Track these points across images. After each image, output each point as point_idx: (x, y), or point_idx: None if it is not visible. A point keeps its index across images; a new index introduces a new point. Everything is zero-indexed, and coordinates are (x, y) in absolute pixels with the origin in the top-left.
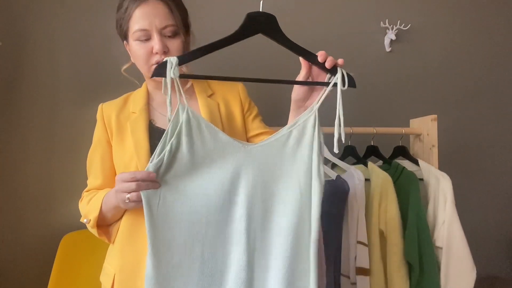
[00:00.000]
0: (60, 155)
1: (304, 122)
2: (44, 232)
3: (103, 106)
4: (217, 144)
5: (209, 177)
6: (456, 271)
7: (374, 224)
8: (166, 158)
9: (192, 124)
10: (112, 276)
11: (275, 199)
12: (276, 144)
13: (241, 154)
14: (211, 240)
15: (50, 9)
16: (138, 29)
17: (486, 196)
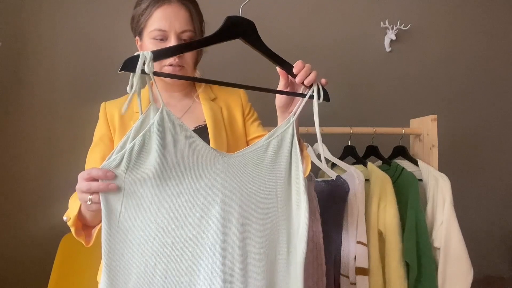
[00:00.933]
0: (60, 155)
1: (283, 133)
2: (44, 232)
3: (106, 105)
4: (192, 151)
5: (179, 187)
6: (453, 272)
7: (373, 224)
8: (126, 157)
9: (166, 125)
10: None
11: (252, 213)
12: (254, 155)
13: (217, 165)
14: (176, 263)
15: (50, 9)
16: (157, 29)
17: (486, 196)
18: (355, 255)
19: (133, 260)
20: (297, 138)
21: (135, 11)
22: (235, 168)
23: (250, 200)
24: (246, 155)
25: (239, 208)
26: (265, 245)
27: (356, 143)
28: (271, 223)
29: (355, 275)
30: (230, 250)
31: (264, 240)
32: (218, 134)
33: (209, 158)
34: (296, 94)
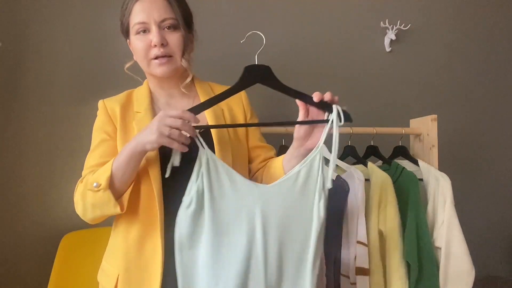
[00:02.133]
0: (60, 155)
1: (311, 160)
2: (44, 232)
3: (105, 101)
4: (232, 185)
5: (227, 217)
6: (455, 272)
7: (373, 224)
8: (195, 198)
9: (210, 165)
10: (114, 277)
11: (288, 236)
12: (286, 184)
13: (255, 194)
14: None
15: (50, 9)
16: (137, 22)
17: (486, 196)
18: (355, 255)
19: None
20: None
21: (120, 15)
22: (270, 196)
23: (286, 223)
24: (279, 185)
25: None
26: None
27: (356, 143)
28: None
29: (355, 275)
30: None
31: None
32: (221, 137)
33: (248, 190)
34: (319, 121)
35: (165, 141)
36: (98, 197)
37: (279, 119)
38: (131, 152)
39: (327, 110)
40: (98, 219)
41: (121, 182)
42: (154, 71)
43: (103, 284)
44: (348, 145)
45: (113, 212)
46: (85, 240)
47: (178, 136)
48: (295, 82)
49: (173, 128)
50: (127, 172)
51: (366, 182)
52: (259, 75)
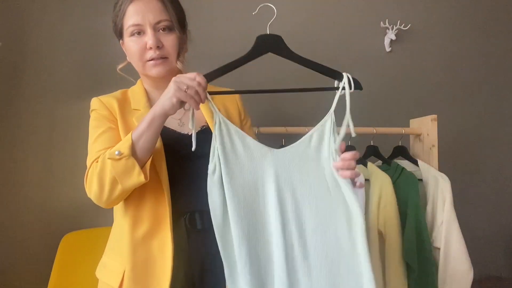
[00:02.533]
0: (60, 154)
1: (322, 125)
2: (44, 232)
3: (100, 98)
4: (246, 149)
5: (242, 180)
6: (453, 272)
7: (373, 224)
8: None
9: (222, 129)
10: (120, 273)
11: (304, 198)
12: (299, 147)
13: (268, 158)
14: (253, 242)
15: (50, 9)
16: (132, 24)
17: (486, 196)
18: None
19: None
20: None
21: (112, 15)
22: (284, 159)
23: (301, 187)
24: (292, 148)
25: (292, 194)
26: (321, 224)
27: (356, 143)
28: (324, 205)
29: None
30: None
31: (320, 220)
32: None
33: (261, 153)
34: (327, 89)
35: (182, 95)
36: (121, 166)
37: (278, 122)
38: (151, 116)
39: (337, 78)
40: (115, 198)
41: (142, 149)
42: (149, 72)
43: (105, 280)
44: (348, 145)
45: (136, 182)
46: (85, 240)
47: (195, 94)
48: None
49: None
50: (148, 137)
51: (366, 182)
52: (271, 44)
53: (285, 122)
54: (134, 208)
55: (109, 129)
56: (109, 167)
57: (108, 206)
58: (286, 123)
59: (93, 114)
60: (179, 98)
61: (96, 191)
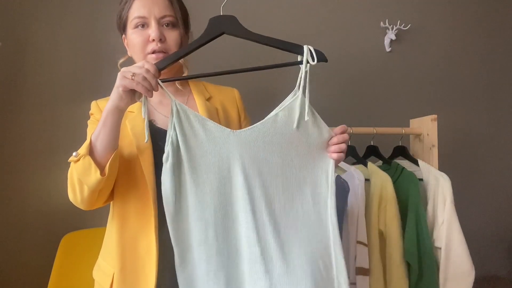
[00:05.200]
0: (60, 154)
1: (290, 104)
2: (44, 232)
3: (98, 102)
4: (207, 133)
5: (206, 165)
6: (455, 272)
7: (373, 224)
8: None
9: (181, 116)
10: (110, 275)
11: (271, 176)
12: (263, 127)
13: (231, 140)
14: (221, 224)
15: (50, 9)
16: (137, 16)
17: (486, 196)
18: (355, 255)
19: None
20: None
21: (118, 9)
22: (248, 140)
23: (267, 165)
24: (255, 128)
25: (258, 173)
26: (288, 200)
27: (356, 143)
28: (291, 181)
29: (355, 275)
30: (258, 210)
31: (287, 197)
32: None
33: (223, 135)
34: (289, 64)
35: (127, 83)
36: (80, 166)
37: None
38: (104, 113)
39: (300, 53)
40: (88, 198)
41: (100, 148)
42: None
43: (99, 281)
44: (348, 145)
45: (94, 179)
46: (85, 240)
47: (142, 80)
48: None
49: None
50: (104, 134)
51: (366, 182)
52: (225, 25)
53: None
54: (121, 210)
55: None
56: (73, 170)
57: (87, 208)
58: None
59: (91, 117)
60: (126, 86)
61: (71, 195)
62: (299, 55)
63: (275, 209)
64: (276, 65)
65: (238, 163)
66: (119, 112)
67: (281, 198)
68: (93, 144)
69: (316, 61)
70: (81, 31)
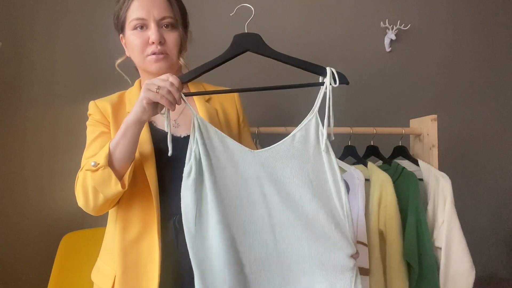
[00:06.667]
0: (60, 154)
1: (306, 125)
2: (44, 232)
3: (96, 102)
4: (226, 150)
5: (225, 183)
6: (455, 271)
7: (373, 224)
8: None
9: (202, 131)
10: (111, 278)
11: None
12: (282, 148)
13: (249, 159)
14: (242, 239)
15: (50, 9)
16: (136, 18)
17: (486, 196)
18: None
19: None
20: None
21: (116, 8)
22: (266, 160)
23: (284, 186)
24: (274, 149)
25: (277, 193)
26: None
27: (356, 143)
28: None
29: None
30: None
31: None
32: None
33: (241, 154)
34: (312, 84)
35: (151, 95)
36: (98, 176)
37: (278, 122)
38: (125, 124)
39: (321, 74)
40: (101, 206)
41: (119, 158)
42: (149, 67)
43: (98, 283)
44: (348, 145)
45: (114, 191)
46: (85, 240)
47: (167, 93)
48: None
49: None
50: (124, 145)
51: (366, 182)
52: (250, 42)
53: (285, 122)
54: (123, 212)
55: (101, 134)
56: (89, 178)
57: (98, 214)
58: (286, 123)
59: (89, 118)
60: (150, 99)
61: (82, 201)
62: (321, 76)
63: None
64: (299, 85)
65: (256, 182)
66: (141, 124)
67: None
68: (111, 154)
69: (338, 83)
70: (80, 31)
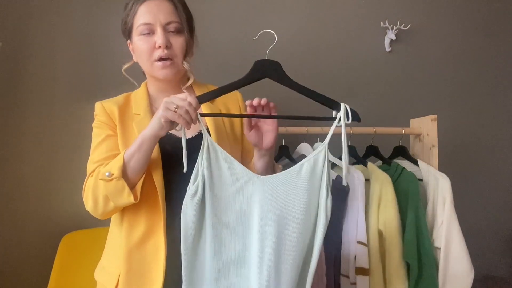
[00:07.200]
0: (59, 154)
1: (315, 156)
2: (44, 232)
3: (103, 103)
4: (232, 174)
5: (227, 206)
6: (454, 272)
7: (373, 224)
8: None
9: (210, 152)
10: (115, 276)
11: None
12: (287, 176)
13: (254, 184)
14: (234, 265)
15: (50, 9)
16: (142, 23)
17: (486, 196)
18: (355, 255)
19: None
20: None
21: (123, 15)
22: (271, 186)
23: (284, 213)
24: (280, 176)
25: (275, 221)
26: (297, 257)
27: (356, 143)
28: (304, 238)
29: (355, 275)
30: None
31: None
32: (221, 139)
33: (247, 178)
34: (325, 118)
35: (170, 115)
36: (111, 187)
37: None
38: (141, 138)
39: (334, 108)
40: (109, 212)
41: (133, 170)
42: (157, 74)
43: (102, 282)
44: (348, 145)
45: (126, 202)
46: (85, 240)
47: (184, 113)
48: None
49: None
50: (138, 158)
51: (366, 182)
52: (269, 70)
53: (285, 122)
54: (130, 213)
55: (107, 137)
56: (101, 187)
57: (104, 218)
58: (286, 123)
59: (95, 119)
60: (168, 118)
61: (91, 206)
62: (335, 110)
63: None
64: (312, 117)
65: (257, 206)
66: (156, 139)
67: (291, 254)
68: (125, 165)
69: (351, 120)
70: (81, 31)
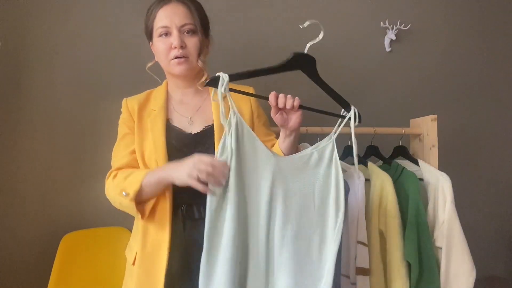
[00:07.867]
0: (60, 154)
1: (323, 147)
2: (44, 232)
3: (127, 100)
4: (253, 151)
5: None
6: (455, 271)
7: (374, 224)
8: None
9: (238, 128)
10: (134, 252)
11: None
12: (299, 161)
13: (271, 163)
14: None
15: (50, 9)
16: (160, 26)
17: (486, 196)
18: (356, 255)
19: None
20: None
21: (145, 19)
22: (284, 167)
23: (292, 195)
24: (293, 159)
25: (282, 200)
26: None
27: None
28: (307, 218)
29: (356, 275)
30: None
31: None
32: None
33: (267, 158)
34: (337, 115)
35: (192, 183)
36: (125, 203)
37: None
38: (161, 179)
39: (345, 108)
40: None
41: (145, 196)
42: (173, 70)
43: (127, 257)
44: (348, 145)
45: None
46: (85, 240)
47: (206, 178)
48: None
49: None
50: (152, 191)
51: (366, 182)
52: (304, 63)
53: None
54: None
55: (125, 135)
56: (117, 199)
57: None
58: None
59: (121, 114)
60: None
61: (111, 200)
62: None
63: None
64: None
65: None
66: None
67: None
68: (141, 190)
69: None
70: (81, 31)
